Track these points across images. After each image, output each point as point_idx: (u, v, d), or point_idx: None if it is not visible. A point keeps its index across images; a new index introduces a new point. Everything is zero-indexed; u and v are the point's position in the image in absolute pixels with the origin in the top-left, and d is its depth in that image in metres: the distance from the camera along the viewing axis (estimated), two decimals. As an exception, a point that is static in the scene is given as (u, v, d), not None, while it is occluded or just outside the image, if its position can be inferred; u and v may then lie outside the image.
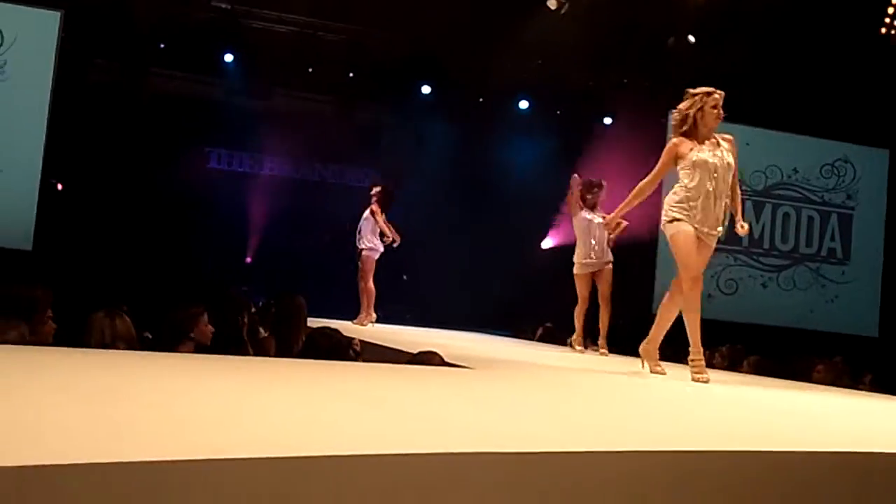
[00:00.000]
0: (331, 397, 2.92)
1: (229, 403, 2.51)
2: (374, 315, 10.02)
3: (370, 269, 9.92)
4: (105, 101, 13.08)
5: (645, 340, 5.65)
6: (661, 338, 5.64)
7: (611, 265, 8.68)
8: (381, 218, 9.84)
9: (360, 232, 9.92)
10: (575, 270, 8.70)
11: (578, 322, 8.75)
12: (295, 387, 3.21)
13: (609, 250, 8.67)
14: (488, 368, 4.96)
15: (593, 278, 8.65)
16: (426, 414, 2.62)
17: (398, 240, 9.85)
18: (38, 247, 11.96)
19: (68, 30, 12.37)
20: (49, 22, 12.36)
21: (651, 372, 5.56)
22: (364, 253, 9.88)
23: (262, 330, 6.42)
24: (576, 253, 8.75)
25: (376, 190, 10.07)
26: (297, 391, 3.06)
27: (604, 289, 8.60)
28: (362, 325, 9.69)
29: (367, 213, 9.95)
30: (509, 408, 3.05)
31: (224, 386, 3.03)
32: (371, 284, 9.97)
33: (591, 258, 8.63)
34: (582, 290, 8.64)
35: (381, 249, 9.93)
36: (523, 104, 14.66)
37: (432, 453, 1.89)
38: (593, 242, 8.63)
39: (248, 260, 13.94)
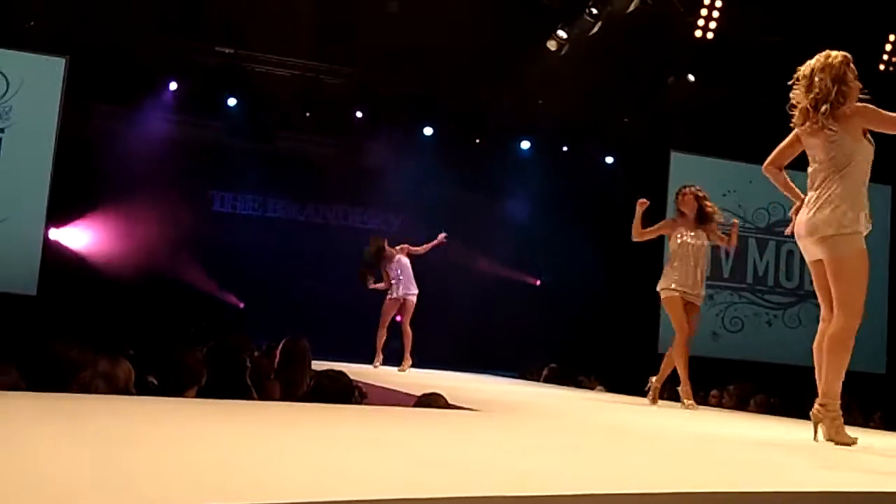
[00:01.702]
0: (338, 441, 2.90)
1: (237, 449, 2.48)
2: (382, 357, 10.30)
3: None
4: (109, 145, 13.15)
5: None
6: None
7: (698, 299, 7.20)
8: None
9: (399, 278, 10.17)
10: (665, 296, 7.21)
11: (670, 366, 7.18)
12: (302, 431, 3.18)
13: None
14: (493, 410, 4.91)
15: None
16: (433, 457, 2.59)
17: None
18: (42, 292, 11.96)
19: (72, 75, 12.47)
20: (54, 68, 12.47)
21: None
22: (411, 298, 10.20)
23: (269, 372, 6.37)
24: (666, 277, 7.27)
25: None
26: (304, 436, 3.04)
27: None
28: (404, 370, 10.02)
29: (405, 259, 10.23)
30: (516, 450, 3.01)
31: (231, 431, 3.01)
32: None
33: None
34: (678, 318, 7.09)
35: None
36: (525, 144, 14.72)
37: (441, 497, 1.86)
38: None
39: (242, 305, 13.90)
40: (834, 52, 4.36)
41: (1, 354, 4.49)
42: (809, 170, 4.41)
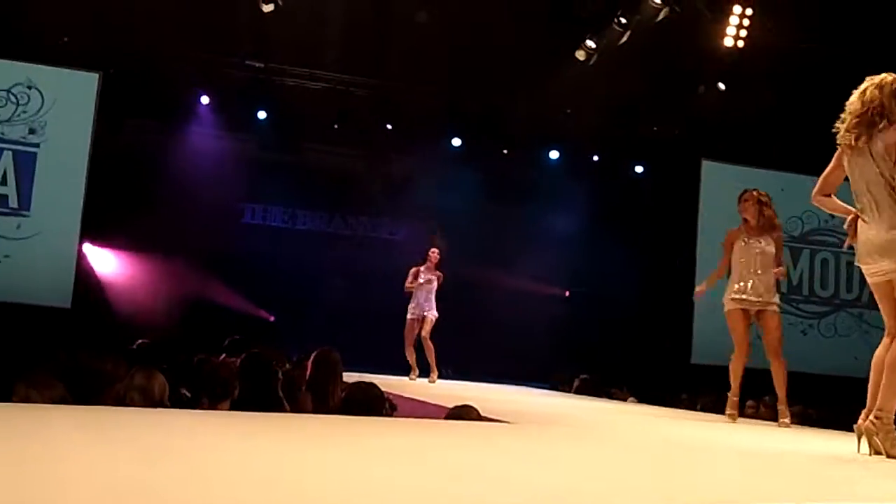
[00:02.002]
0: (370, 455, 2.89)
1: (270, 462, 2.48)
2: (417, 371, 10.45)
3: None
4: (141, 159, 13.28)
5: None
6: None
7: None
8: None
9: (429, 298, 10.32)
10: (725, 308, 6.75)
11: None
12: (334, 444, 3.17)
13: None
14: (526, 423, 4.88)
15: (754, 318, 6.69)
16: (467, 471, 2.57)
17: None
18: (77, 305, 12.09)
19: (105, 90, 12.61)
20: (87, 83, 12.62)
21: None
22: (430, 315, 10.33)
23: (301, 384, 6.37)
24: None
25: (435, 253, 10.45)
26: (336, 449, 3.03)
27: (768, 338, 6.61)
28: (433, 381, 10.20)
29: (433, 277, 10.35)
30: (551, 464, 2.98)
31: (264, 444, 3.01)
32: None
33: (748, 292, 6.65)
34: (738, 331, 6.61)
35: None
36: (553, 154, 14.68)
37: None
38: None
39: (272, 318, 13.96)
40: (890, 76, 4.32)
41: (44, 368, 4.52)
42: (858, 187, 4.33)
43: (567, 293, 15.17)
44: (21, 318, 10.98)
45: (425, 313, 10.30)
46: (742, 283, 6.63)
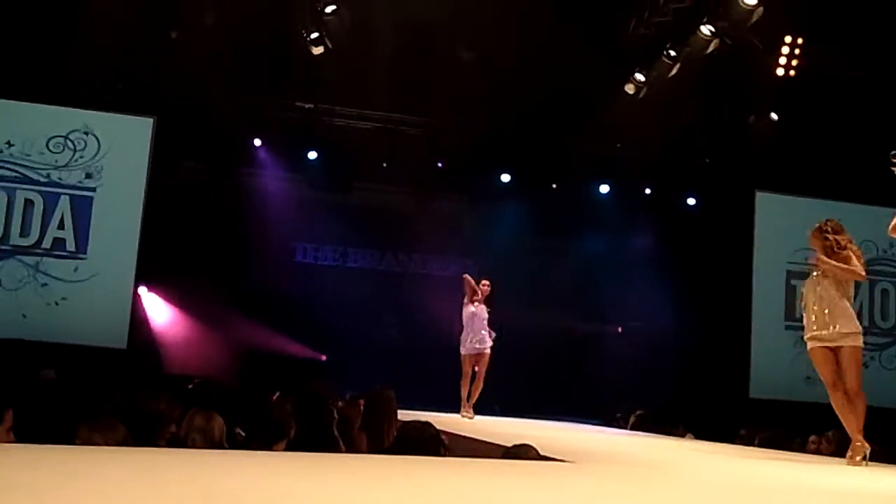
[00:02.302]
0: (430, 497, 2.83)
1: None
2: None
3: None
4: (194, 201, 13.48)
5: None
6: None
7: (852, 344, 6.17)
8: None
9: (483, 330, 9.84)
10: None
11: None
12: (393, 486, 3.12)
13: None
14: (586, 461, 4.77)
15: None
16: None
17: None
18: (132, 345, 12.23)
19: (159, 134, 12.84)
20: (142, 128, 12.86)
21: None
22: (485, 350, 9.82)
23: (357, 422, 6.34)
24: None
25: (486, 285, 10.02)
26: (395, 490, 2.97)
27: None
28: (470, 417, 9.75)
29: (484, 309, 9.89)
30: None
31: (323, 487, 2.97)
32: None
33: None
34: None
35: None
36: (604, 188, 14.60)
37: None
38: None
39: (324, 357, 13.95)
40: None
41: (103, 409, 4.55)
42: None
43: (620, 329, 14.99)
44: (78, 360, 11.12)
45: (480, 348, 9.79)
46: (812, 322, 6.30)
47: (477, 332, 9.75)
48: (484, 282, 9.98)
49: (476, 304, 9.83)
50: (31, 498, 2.17)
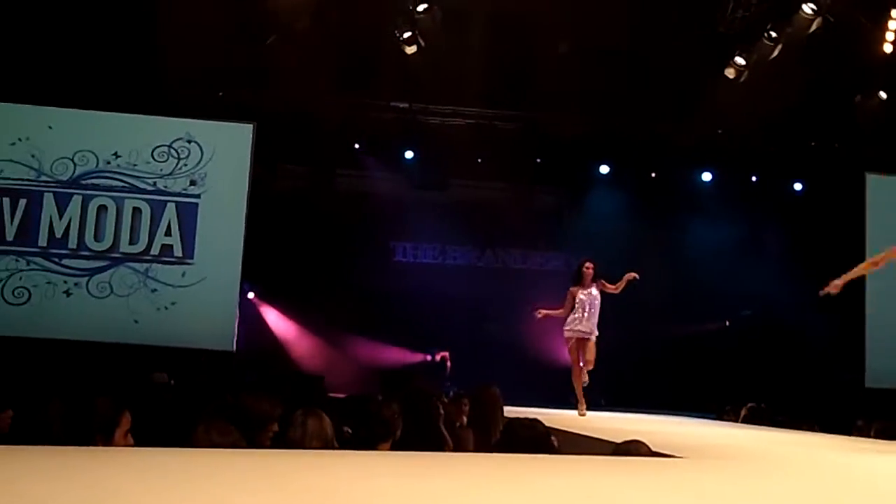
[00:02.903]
0: (540, 496, 2.76)
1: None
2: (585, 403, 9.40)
3: None
4: (295, 204, 13.72)
5: None
6: None
7: None
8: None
9: (585, 312, 9.14)
10: None
11: None
12: (502, 485, 3.06)
13: None
14: (701, 457, 4.62)
15: None
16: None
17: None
18: (240, 348, 12.51)
19: (260, 139, 13.09)
20: (243, 134, 13.14)
21: None
22: (591, 339, 9.17)
23: (463, 419, 6.32)
24: None
25: (590, 268, 9.34)
26: (506, 490, 2.91)
27: None
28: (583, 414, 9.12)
29: (596, 292, 9.27)
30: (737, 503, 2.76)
31: (433, 486, 2.94)
32: None
33: None
34: None
35: None
36: (706, 176, 14.24)
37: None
38: None
39: (430, 357, 13.96)
40: None
41: (214, 411, 4.62)
42: None
43: (727, 320, 14.60)
44: (189, 363, 11.43)
45: (586, 333, 9.11)
46: None
47: (582, 316, 9.12)
48: (587, 264, 9.37)
49: (582, 293, 9.23)
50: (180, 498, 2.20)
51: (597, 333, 9.17)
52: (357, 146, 14.04)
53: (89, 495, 2.25)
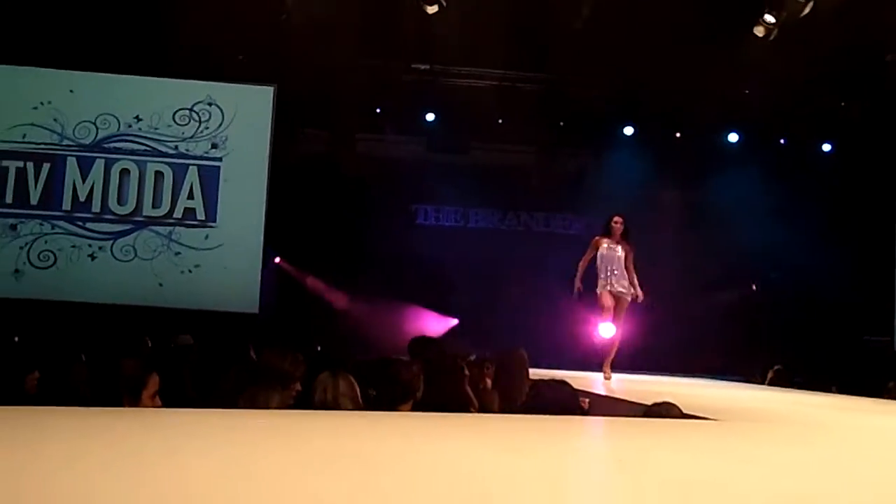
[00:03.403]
0: (568, 457, 2.70)
1: (466, 466, 2.35)
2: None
3: None
4: (316, 168, 13.65)
5: None
6: None
7: None
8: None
9: (613, 272, 8.70)
10: None
11: None
12: (529, 447, 2.99)
13: None
14: (733, 419, 4.55)
15: None
16: (685, 477, 2.34)
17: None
18: (264, 310, 12.53)
19: (280, 102, 13.01)
20: (263, 97, 13.08)
21: None
22: (625, 296, 8.75)
23: (487, 382, 6.27)
24: None
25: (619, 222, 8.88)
26: (533, 452, 2.85)
27: None
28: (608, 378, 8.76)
29: (618, 249, 8.78)
30: (780, 467, 2.69)
31: (457, 447, 2.89)
32: None
33: None
34: None
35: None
36: (733, 137, 14.03)
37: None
38: None
39: (452, 320, 13.88)
40: None
41: (236, 371, 4.58)
42: None
43: (754, 283, 14.45)
44: (213, 325, 11.45)
45: (622, 292, 8.66)
46: None
47: (612, 272, 8.67)
48: (616, 218, 8.88)
49: (607, 243, 8.83)
50: (198, 457, 2.17)
51: (633, 292, 8.75)
52: (378, 109, 13.92)
53: (112, 454, 2.21)
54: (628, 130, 13.98)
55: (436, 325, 13.59)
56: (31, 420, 3.01)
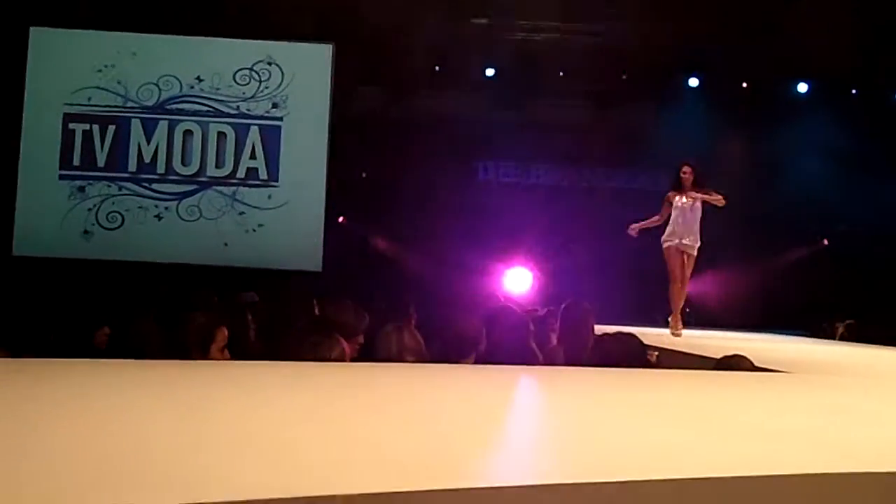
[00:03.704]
0: (638, 410, 2.63)
1: (529, 417, 2.31)
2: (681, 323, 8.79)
3: None
4: (374, 126, 13.62)
5: None
6: None
7: None
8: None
9: (678, 222, 8.46)
10: None
11: None
12: (597, 399, 2.94)
13: None
14: (805, 372, 4.44)
15: None
16: (762, 428, 2.27)
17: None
18: (327, 268, 12.62)
19: (339, 61, 12.98)
20: (322, 55, 13.07)
21: None
22: (689, 251, 8.52)
23: (552, 337, 6.23)
24: None
25: (688, 172, 8.53)
26: (595, 405, 2.80)
27: None
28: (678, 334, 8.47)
29: (690, 202, 8.47)
30: (871, 416, 2.59)
31: (518, 399, 2.85)
32: None
33: None
34: None
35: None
36: (802, 87, 13.64)
37: (792, 475, 1.56)
38: None
39: (520, 277, 13.76)
40: None
41: (301, 326, 4.61)
42: None
43: (825, 239, 14.11)
44: (278, 283, 11.57)
45: (688, 246, 8.42)
46: None
47: (682, 228, 8.43)
48: (685, 168, 8.52)
49: (677, 197, 8.54)
50: (267, 403, 2.17)
51: (699, 244, 8.50)
52: (437, 66, 13.81)
53: (179, 403, 2.22)
54: (693, 82, 13.67)
55: (500, 281, 13.54)
56: (102, 371, 3.05)
